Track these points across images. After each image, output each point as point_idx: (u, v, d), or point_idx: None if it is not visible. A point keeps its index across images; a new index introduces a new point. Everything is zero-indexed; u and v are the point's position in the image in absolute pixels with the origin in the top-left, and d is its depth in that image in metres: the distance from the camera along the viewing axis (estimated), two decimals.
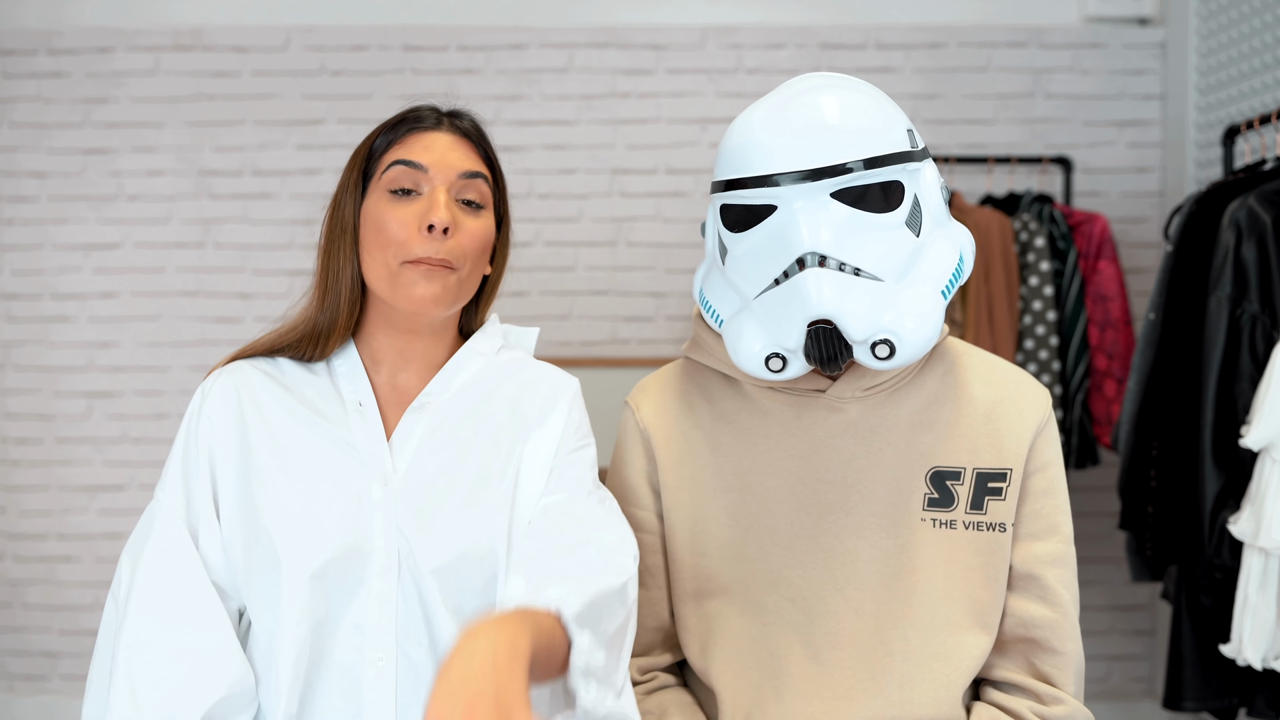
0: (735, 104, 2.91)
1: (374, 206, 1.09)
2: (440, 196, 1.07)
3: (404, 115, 1.13)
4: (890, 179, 1.05)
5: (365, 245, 1.10)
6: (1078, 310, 2.66)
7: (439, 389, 1.13)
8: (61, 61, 2.90)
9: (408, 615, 1.05)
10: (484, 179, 1.12)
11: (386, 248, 1.07)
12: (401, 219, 1.07)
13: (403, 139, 1.11)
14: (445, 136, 1.11)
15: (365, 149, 1.13)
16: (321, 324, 1.12)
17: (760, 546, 1.13)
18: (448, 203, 1.08)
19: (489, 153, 1.16)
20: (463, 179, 1.10)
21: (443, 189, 1.08)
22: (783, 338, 1.04)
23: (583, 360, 2.90)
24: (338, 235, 1.12)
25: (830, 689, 1.09)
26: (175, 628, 1.03)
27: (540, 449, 1.12)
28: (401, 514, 1.06)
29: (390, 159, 1.10)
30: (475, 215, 1.11)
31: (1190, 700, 2.04)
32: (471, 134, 1.14)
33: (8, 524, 2.94)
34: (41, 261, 2.91)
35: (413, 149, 1.10)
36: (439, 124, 1.12)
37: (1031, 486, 1.13)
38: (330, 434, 1.10)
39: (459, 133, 1.13)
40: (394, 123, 1.13)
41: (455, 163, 1.10)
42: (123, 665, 1.01)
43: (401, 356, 1.14)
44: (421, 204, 1.08)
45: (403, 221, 1.07)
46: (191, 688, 1.01)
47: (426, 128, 1.12)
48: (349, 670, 1.05)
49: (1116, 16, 2.92)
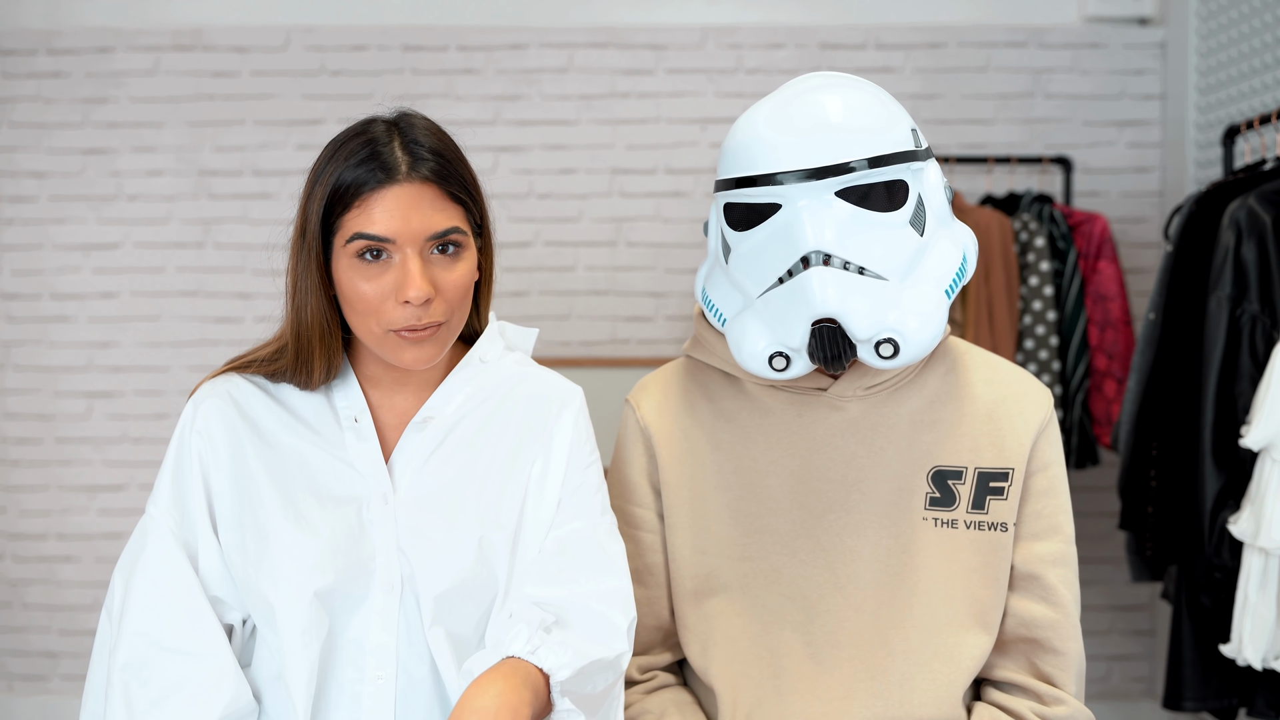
0: (735, 104, 2.91)
1: (345, 273, 1.01)
2: (412, 266, 0.99)
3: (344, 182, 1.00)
4: (894, 178, 1.05)
5: (346, 305, 1.03)
6: (1078, 310, 2.66)
7: (439, 404, 1.11)
8: (61, 61, 2.90)
9: (409, 633, 1.05)
10: (456, 230, 1.02)
11: (368, 316, 1.01)
12: (375, 290, 1.00)
13: (359, 202, 0.99)
14: (403, 192, 0.99)
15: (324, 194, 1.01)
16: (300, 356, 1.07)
17: (761, 545, 1.13)
18: (422, 270, 0.99)
19: (461, 181, 1.04)
20: (432, 240, 1.01)
21: (414, 256, 0.99)
22: (786, 336, 1.04)
23: (583, 360, 2.90)
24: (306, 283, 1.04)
25: (830, 688, 1.09)
26: (171, 647, 1.02)
27: (548, 473, 1.10)
28: (402, 534, 1.05)
29: (350, 230, 0.99)
30: (454, 262, 1.03)
31: (1190, 700, 2.04)
32: (436, 173, 1.01)
33: (8, 524, 2.94)
34: (41, 261, 2.91)
35: (373, 216, 0.98)
36: (393, 176, 0.99)
37: (1033, 486, 1.13)
38: (327, 451, 1.08)
39: (418, 180, 1.00)
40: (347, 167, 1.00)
41: (420, 227, 0.99)
42: (119, 686, 1.01)
43: (397, 382, 1.12)
44: (394, 274, 0.99)
45: (377, 292, 1.00)
46: (190, 708, 1.00)
47: (379, 184, 0.99)
48: (348, 687, 1.04)
49: (1116, 16, 2.92)
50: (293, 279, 1.06)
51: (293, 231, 1.06)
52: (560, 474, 1.10)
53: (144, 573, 1.04)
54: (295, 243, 1.05)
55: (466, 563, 1.05)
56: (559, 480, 1.10)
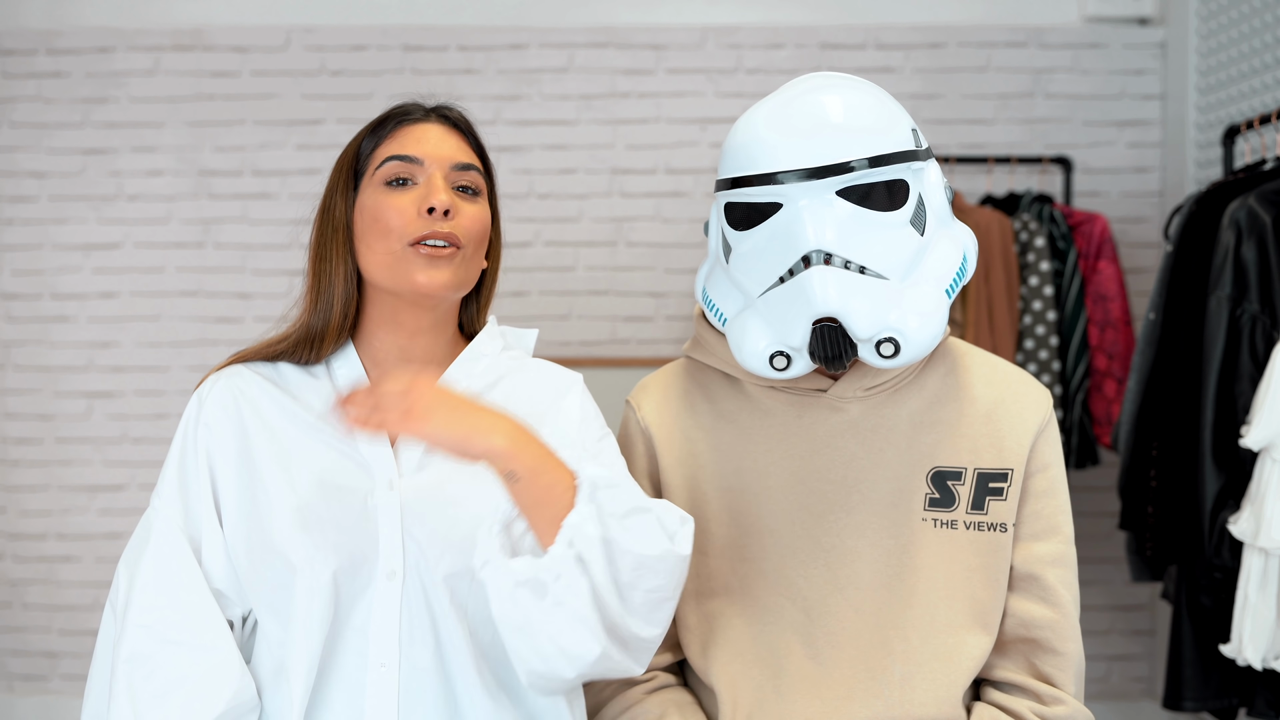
0: (735, 104, 2.91)
1: (370, 199, 1.09)
2: (438, 180, 1.08)
3: (390, 113, 1.13)
4: (895, 177, 1.05)
5: (363, 238, 1.09)
6: (1078, 310, 2.66)
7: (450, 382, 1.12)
8: (61, 61, 2.90)
9: (413, 621, 1.05)
10: (477, 170, 1.12)
11: (387, 235, 1.07)
12: (399, 206, 1.07)
13: (392, 134, 1.11)
14: (435, 128, 1.12)
15: (353, 151, 1.13)
16: (315, 326, 1.11)
17: (761, 546, 1.13)
18: (445, 186, 1.08)
19: (479, 144, 1.16)
20: (456, 170, 1.10)
21: (439, 175, 1.09)
22: (787, 336, 1.04)
23: (583, 360, 2.90)
24: (329, 235, 1.11)
25: (830, 689, 1.09)
26: (175, 640, 1.02)
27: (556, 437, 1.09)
28: (409, 519, 1.05)
29: (383, 155, 1.10)
30: (472, 201, 1.11)
31: (1190, 700, 2.04)
32: (461, 124, 1.15)
33: (8, 524, 2.94)
34: (41, 261, 2.91)
35: (405, 142, 1.10)
36: (427, 116, 1.13)
37: (1032, 487, 1.13)
38: (332, 438, 1.09)
39: (448, 123, 1.13)
40: (380, 121, 1.13)
41: (449, 153, 1.10)
42: (123, 679, 1.01)
43: (404, 354, 1.13)
44: (419, 190, 1.08)
45: (401, 208, 1.07)
46: (193, 702, 1.00)
47: (415, 120, 1.12)
48: (352, 675, 1.04)
49: (1116, 16, 2.92)
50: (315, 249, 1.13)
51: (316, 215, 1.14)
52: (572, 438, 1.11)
53: (148, 566, 1.05)
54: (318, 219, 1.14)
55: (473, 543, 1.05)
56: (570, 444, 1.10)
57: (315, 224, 1.14)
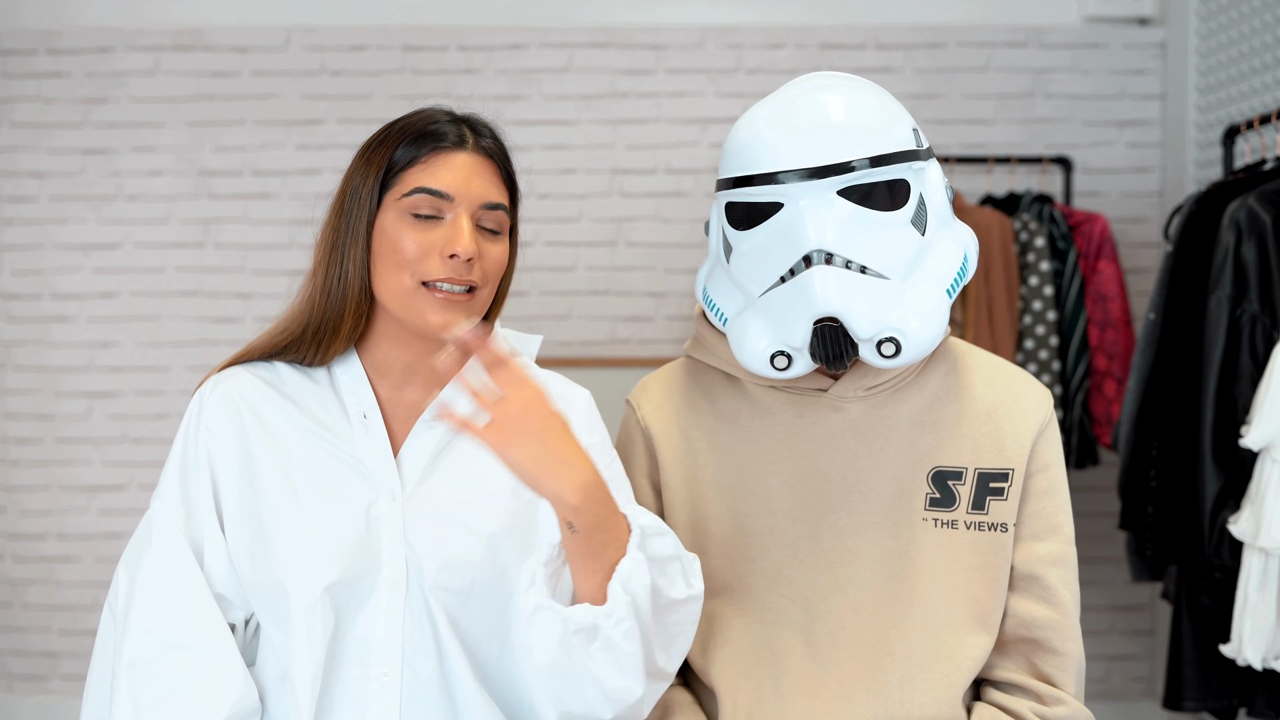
0: (735, 104, 2.91)
1: (392, 225, 1.05)
2: (464, 224, 1.04)
3: (426, 129, 1.07)
4: (896, 177, 1.05)
5: (379, 260, 1.06)
6: (1078, 310, 2.66)
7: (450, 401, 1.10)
8: (61, 61, 2.90)
9: (415, 631, 1.04)
10: (504, 209, 1.09)
11: (404, 268, 1.04)
12: (422, 243, 1.04)
13: (425, 159, 1.06)
14: (469, 159, 1.07)
15: (383, 158, 1.07)
16: (323, 326, 1.08)
17: (761, 545, 1.13)
18: (471, 231, 1.05)
19: (510, 172, 1.13)
20: (485, 209, 1.07)
21: (466, 216, 1.05)
22: (788, 335, 1.04)
23: (583, 360, 2.90)
24: (348, 241, 1.07)
25: (830, 689, 1.09)
26: (178, 644, 1.01)
27: None
28: (410, 530, 1.05)
29: (413, 183, 1.05)
30: (494, 241, 1.09)
31: (1190, 700, 2.04)
32: (495, 155, 1.11)
33: (8, 524, 2.94)
34: (41, 261, 2.91)
35: (438, 174, 1.05)
36: (462, 143, 1.07)
37: (1033, 487, 1.13)
38: (334, 446, 1.08)
39: (483, 154, 1.09)
40: (416, 135, 1.07)
41: (479, 192, 1.06)
42: (124, 684, 1.00)
43: (408, 370, 1.12)
44: (445, 230, 1.04)
45: (423, 245, 1.04)
46: (197, 706, 1.00)
47: (449, 147, 1.07)
48: (353, 684, 1.04)
49: (1116, 16, 2.92)
50: (328, 245, 1.09)
51: (330, 205, 1.10)
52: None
53: (150, 569, 1.04)
54: (334, 213, 1.09)
55: (475, 560, 1.05)
56: None
57: (330, 220, 1.09)
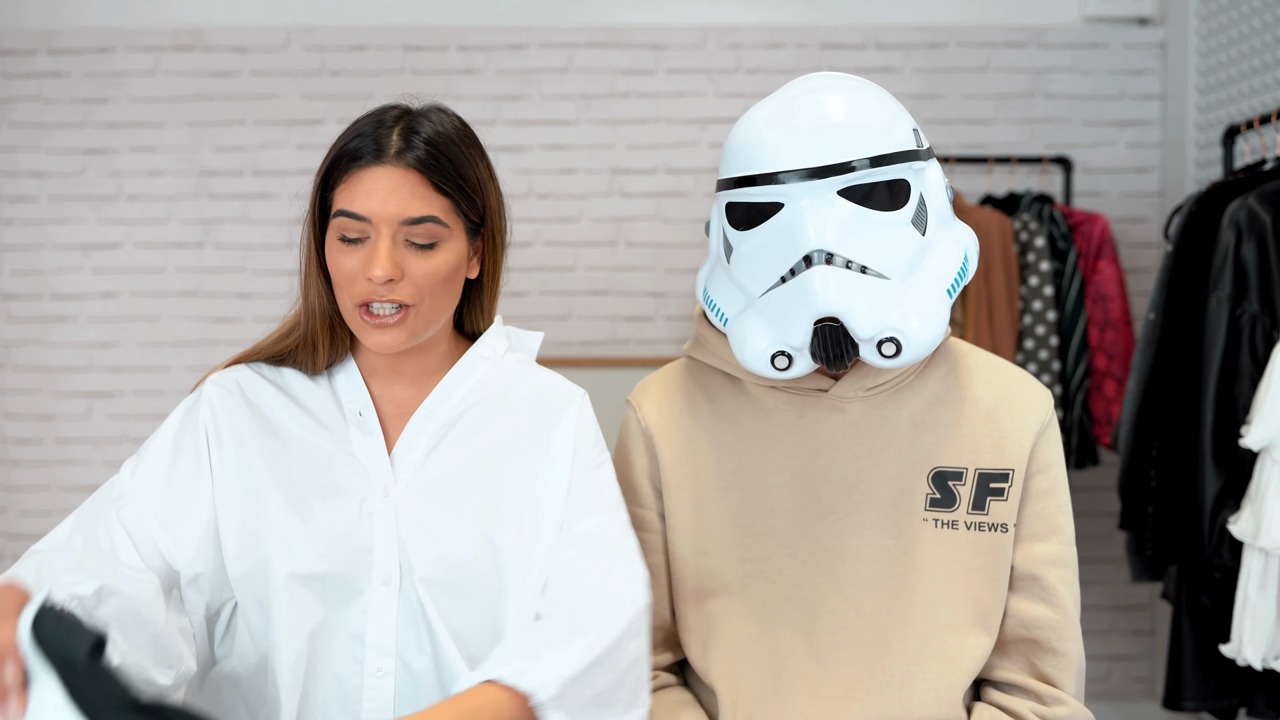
0: (735, 104, 2.91)
1: (330, 248, 1.06)
2: (382, 246, 1.02)
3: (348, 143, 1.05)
4: (896, 177, 1.05)
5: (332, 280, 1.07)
6: (1078, 310, 2.66)
7: (441, 398, 1.12)
8: (61, 61, 2.90)
9: (409, 626, 1.05)
10: (432, 220, 1.03)
11: (342, 290, 1.05)
12: (346, 267, 1.04)
13: (346, 179, 1.04)
14: (388, 174, 1.02)
15: (321, 175, 1.07)
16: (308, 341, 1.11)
17: (762, 546, 1.13)
18: (389, 251, 1.02)
19: (452, 173, 1.05)
20: (407, 225, 1.03)
21: (386, 237, 1.02)
22: (789, 335, 1.04)
23: (583, 360, 2.90)
24: (305, 262, 1.10)
25: (831, 689, 1.09)
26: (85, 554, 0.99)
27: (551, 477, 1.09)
28: (403, 525, 1.06)
29: (336, 204, 1.04)
30: (426, 255, 1.04)
31: (1190, 700, 2.04)
32: (423, 161, 1.03)
33: (8, 524, 2.94)
34: (41, 261, 2.91)
35: (355, 194, 1.02)
36: (379, 157, 1.03)
37: (1033, 487, 1.13)
38: (332, 443, 1.09)
39: (405, 165, 1.03)
40: (340, 150, 1.05)
41: (397, 210, 1.02)
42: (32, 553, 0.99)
43: (393, 371, 1.13)
44: (365, 251, 1.03)
45: (348, 270, 1.04)
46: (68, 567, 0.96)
47: (366, 164, 1.03)
48: (346, 680, 1.04)
49: (1116, 16, 2.92)
50: (304, 258, 1.10)
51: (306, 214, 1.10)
52: (564, 478, 1.09)
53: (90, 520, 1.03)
54: (305, 223, 1.10)
55: (466, 556, 1.05)
56: (564, 484, 1.09)
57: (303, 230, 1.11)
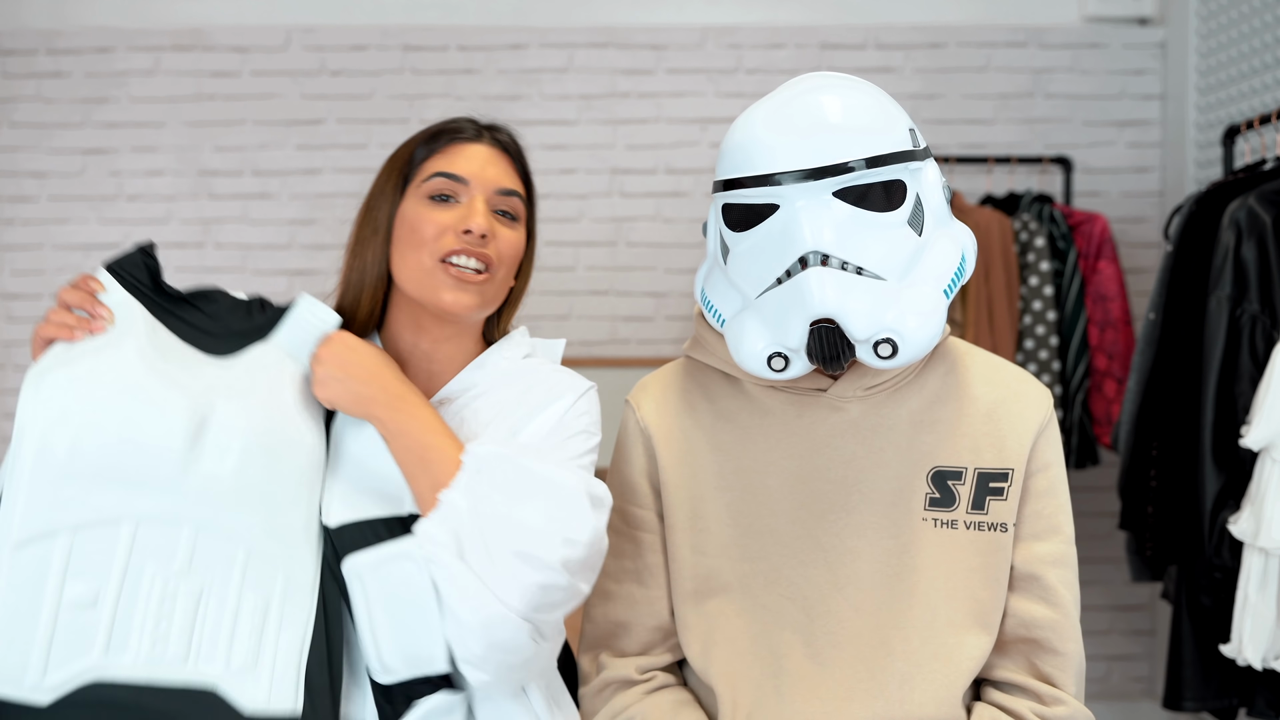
0: (735, 104, 2.91)
1: (411, 209, 1.12)
2: (479, 204, 1.11)
3: (444, 126, 1.16)
4: (892, 178, 1.05)
5: (398, 245, 1.12)
6: (1078, 310, 2.66)
7: (459, 388, 1.15)
8: (62, 61, 2.90)
9: None
10: (519, 196, 1.15)
11: (421, 247, 1.10)
12: (438, 222, 1.10)
13: (443, 149, 1.14)
14: (485, 150, 1.14)
15: (405, 155, 1.15)
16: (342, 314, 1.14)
17: (761, 546, 1.13)
18: (485, 210, 1.11)
19: (525, 169, 1.19)
20: (499, 194, 1.13)
21: (481, 199, 1.12)
22: (785, 337, 1.04)
23: (583, 360, 2.90)
24: (369, 234, 1.14)
25: (830, 689, 1.09)
26: None
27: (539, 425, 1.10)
28: None
29: (431, 169, 1.12)
30: (510, 226, 1.14)
31: (1190, 700, 2.04)
32: (510, 148, 1.17)
33: None
34: (41, 261, 2.91)
35: (454, 160, 1.13)
36: (479, 136, 1.15)
37: (1033, 487, 1.13)
38: None
39: (498, 146, 1.16)
40: (434, 133, 1.15)
41: (494, 177, 1.13)
42: None
43: (426, 358, 1.16)
44: (460, 210, 1.11)
45: (439, 224, 1.10)
46: None
47: (466, 139, 1.14)
48: None
49: (1116, 16, 2.92)
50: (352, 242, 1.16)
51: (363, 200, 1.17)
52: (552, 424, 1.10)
53: None
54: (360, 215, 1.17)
55: None
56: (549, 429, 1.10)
57: (358, 218, 1.17)
